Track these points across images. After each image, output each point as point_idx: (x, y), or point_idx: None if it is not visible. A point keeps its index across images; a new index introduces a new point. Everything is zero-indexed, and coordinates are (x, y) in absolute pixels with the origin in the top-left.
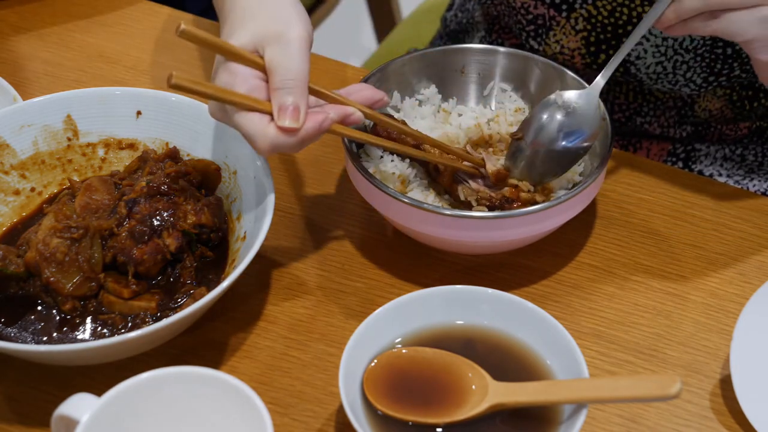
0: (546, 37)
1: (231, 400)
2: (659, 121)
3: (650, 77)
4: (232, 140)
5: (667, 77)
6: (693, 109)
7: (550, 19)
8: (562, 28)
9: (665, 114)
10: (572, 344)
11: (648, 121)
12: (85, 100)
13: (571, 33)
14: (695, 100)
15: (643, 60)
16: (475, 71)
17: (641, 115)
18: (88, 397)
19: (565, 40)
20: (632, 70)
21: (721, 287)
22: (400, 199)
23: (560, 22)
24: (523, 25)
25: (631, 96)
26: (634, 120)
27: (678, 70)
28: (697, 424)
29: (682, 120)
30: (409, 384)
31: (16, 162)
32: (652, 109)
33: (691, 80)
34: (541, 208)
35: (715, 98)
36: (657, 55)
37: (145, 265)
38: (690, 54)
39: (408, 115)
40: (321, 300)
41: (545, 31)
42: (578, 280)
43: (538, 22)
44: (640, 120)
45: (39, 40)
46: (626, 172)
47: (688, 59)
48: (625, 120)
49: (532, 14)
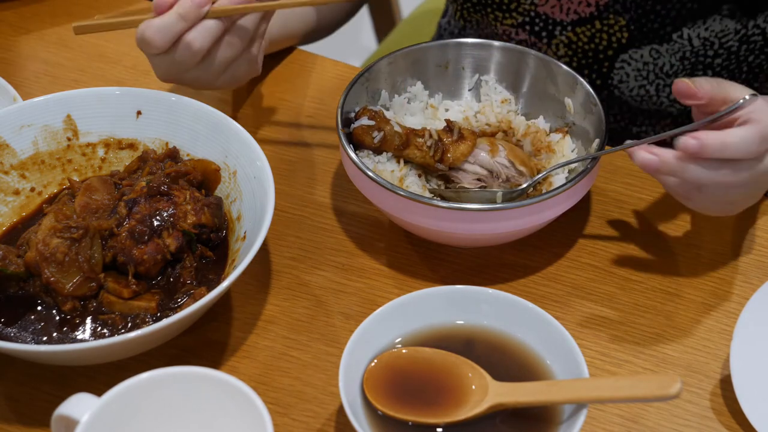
0: None
1: (231, 400)
2: (655, 129)
3: (635, 100)
4: (232, 140)
5: (651, 99)
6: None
7: (531, 46)
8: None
9: (660, 123)
10: (572, 344)
11: (645, 130)
12: (85, 100)
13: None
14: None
15: (626, 84)
16: (458, 66)
17: (636, 125)
18: (88, 397)
19: None
20: (616, 93)
21: (721, 287)
22: (397, 192)
23: (542, 48)
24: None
25: (626, 107)
26: (630, 129)
27: (661, 93)
28: (697, 424)
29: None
30: (409, 384)
31: (16, 162)
32: (647, 118)
33: (676, 101)
34: (539, 199)
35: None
36: (639, 78)
37: (145, 265)
38: (671, 78)
39: (398, 113)
40: (321, 300)
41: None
42: (578, 280)
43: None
44: (636, 129)
45: (39, 40)
46: (626, 172)
47: (670, 83)
48: (621, 130)
49: (513, 40)
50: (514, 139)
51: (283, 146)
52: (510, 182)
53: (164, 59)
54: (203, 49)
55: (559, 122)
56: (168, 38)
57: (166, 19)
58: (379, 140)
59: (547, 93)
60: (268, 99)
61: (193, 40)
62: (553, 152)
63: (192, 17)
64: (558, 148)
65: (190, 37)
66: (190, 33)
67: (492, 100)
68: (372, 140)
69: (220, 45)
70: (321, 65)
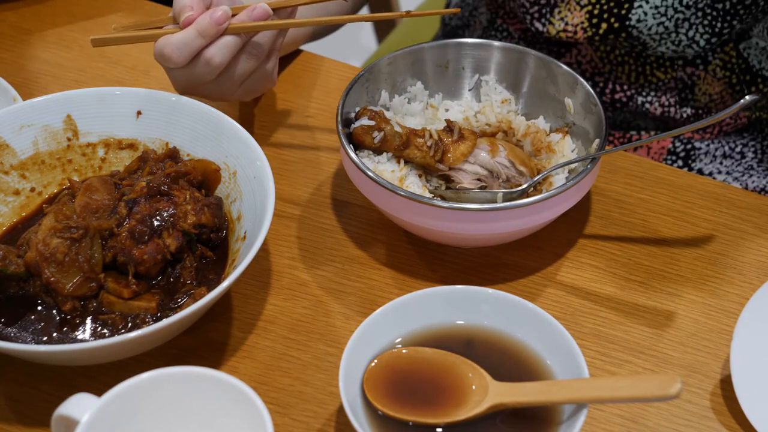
0: (551, 16)
1: (231, 400)
2: (660, 101)
3: (653, 38)
4: (232, 140)
5: (669, 37)
6: (693, 92)
7: None
8: (567, 4)
9: (666, 95)
10: (572, 344)
11: (649, 101)
12: (85, 100)
13: (575, 9)
14: (695, 82)
15: (644, 22)
16: (458, 66)
17: (642, 95)
18: (88, 397)
19: (570, 17)
20: (634, 33)
21: (721, 287)
22: (397, 192)
23: None
24: (527, 8)
25: (633, 76)
26: (636, 100)
27: (680, 29)
28: (697, 424)
29: (682, 102)
30: (409, 384)
31: (16, 162)
32: (653, 89)
33: (693, 40)
34: (539, 198)
35: (715, 80)
36: (657, 15)
37: (145, 265)
38: (691, 10)
39: (398, 113)
40: (321, 300)
41: (549, 10)
42: (578, 280)
43: (541, 2)
44: (642, 99)
45: (39, 40)
46: (626, 172)
47: (689, 15)
48: (627, 100)
49: None
50: (514, 139)
51: (283, 146)
52: (510, 182)
53: (182, 73)
54: (222, 65)
55: (559, 122)
56: (186, 54)
57: (184, 36)
58: (379, 140)
59: (547, 93)
60: (268, 99)
61: (213, 57)
62: (553, 152)
63: (211, 34)
64: (558, 148)
65: (209, 54)
66: (210, 49)
67: (492, 100)
68: (372, 140)
69: (239, 60)
70: (321, 65)
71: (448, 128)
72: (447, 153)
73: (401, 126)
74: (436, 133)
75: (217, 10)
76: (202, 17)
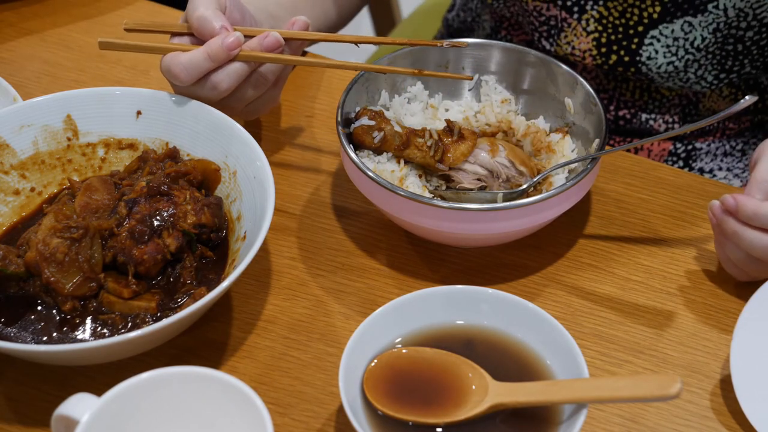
0: (558, 38)
1: (231, 400)
2: (664, 118)
3: (661, 76)
4: (232, 140)
5: (678, 75)
6: (697, 107)
7: (562, 21)
8: (573, 29)
9: (670, 111)
10: (572, 344)
11: (653, 117)
12: (85, 100)
13: (582, 35)
14: (700, 99)
15: (654, 60)
16: (458, 66)
17: (647, 112)
18: (88, 397)
19: (576, 42)
20: (644, 69)
21: (721, 287)
22: (397, 192)
23: (571, 24)
24: (535, 26)
25: (638, 93)
26: (639, 116)
27: (689, 69)
28: (697, 424)
29: (686, 119)
30: (409, 384)
31: (16, 162)
32: (657, 107)
33: (702, 78)
34: (539, 198)
35: (721, 98)
36: (668, 55)
37: (145, 265)
38: (701, 52)
39: (398, 113)
40: (321, 300)
41: (557, 32)
42: (578, 280)
43: (550, 23)
44: (646, 116)
45: (39, 40)
46: (626, 172)
47: (699, 57)
48: (631, 117)
49: (544, 16)
50: (514, 139)
51: (283, 146)
52: (510, 182)
53: (187, 90)
54: (228, 91)
55: (559, 122)
56: (194, 75)
57: (193, 57)
58: (380, 140)
59: (547, 93)
60: None
61: (220, 82)
62: (553, 152)
63: (220, 59)
64: (558, 148)
65: (217, 79)
66: (218, 74)
67: (492, 100)
68: (372, 140)
69: (245, 86)
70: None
71: (448, 128)
72: (447, 153)
73: (401, 126)
74: (436, 133)
75: (230, 36)
76: (214, 41)
